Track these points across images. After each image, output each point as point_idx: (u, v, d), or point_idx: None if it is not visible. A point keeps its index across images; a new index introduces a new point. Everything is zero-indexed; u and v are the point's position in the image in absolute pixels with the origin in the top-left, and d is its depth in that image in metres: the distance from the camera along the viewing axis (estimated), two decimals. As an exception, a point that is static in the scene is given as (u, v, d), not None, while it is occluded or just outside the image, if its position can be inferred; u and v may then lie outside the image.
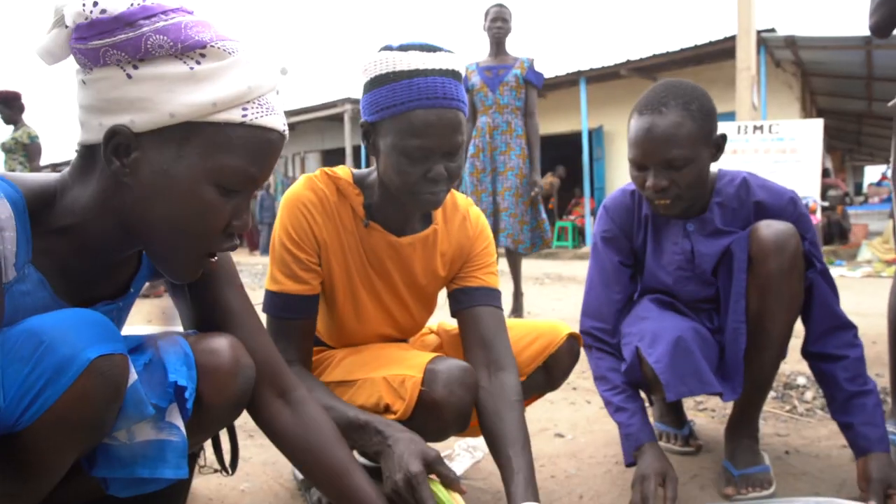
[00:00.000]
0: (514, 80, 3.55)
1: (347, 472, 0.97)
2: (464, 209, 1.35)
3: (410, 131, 1.08)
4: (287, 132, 0.85)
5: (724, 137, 1.37)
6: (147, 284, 1.03)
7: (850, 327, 1.39)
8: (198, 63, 0.76)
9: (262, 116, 0.80)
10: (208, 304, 1.00)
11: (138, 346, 0.88)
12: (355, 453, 1.61)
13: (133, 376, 0.76)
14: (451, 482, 1.04)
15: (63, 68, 0.81)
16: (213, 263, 0.87)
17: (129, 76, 0.74)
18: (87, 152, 0.81)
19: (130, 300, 0.97)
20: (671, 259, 1.47)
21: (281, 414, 1.01)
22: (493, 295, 1.31)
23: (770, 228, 1.33)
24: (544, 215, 3.71)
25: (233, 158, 0.78)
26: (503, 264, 3.84)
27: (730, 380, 1.39)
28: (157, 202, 0.78)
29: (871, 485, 1.24)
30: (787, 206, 1.41)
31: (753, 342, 1.38)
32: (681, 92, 1.34)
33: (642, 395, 1.54)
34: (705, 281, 1.45)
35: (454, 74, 1.11)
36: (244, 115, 0.78)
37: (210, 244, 0.83)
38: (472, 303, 1.29)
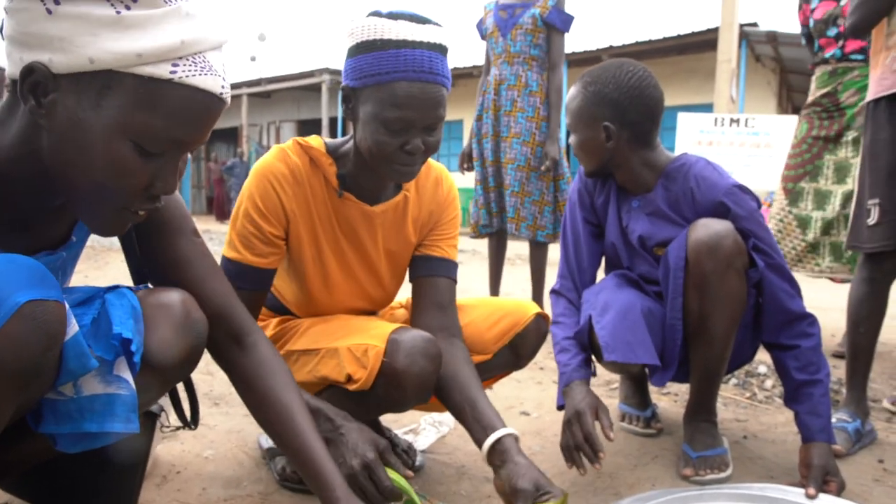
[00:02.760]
0: (531, 21, 2.80)
1: (291, 414, 0.97)
2: (437, 173, 1.35)
3: (392, 102, 1.07)
4: (227, 96, 0.78)
5: (609, 129, 1.44)
6: None
7: (804, 317, 1.41)
8: (127, 8, 0.70)
9: (194, 75, 0.73)
10: (159, 253, 0.97)
11: (86, 299, 0.86)
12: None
13: (74, 328, 0.73)
14: (398, 469, 1.07)
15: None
16: (141, 218, 0.82)
17: (48, 11, 0.69)
18: (15, 88, 0.75)
19: (75, 249, 0.93)
20: (611, 228, 1.58)
21: (237, 358, 1.01)
22: (452, 267, 1.35)
23: (705, 229, 1.35)
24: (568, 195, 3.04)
25: (154, 118, 0.73)
26: (520, 246, 3.05)
27: (664, 369, 1.44)
28: (70, 150, 0.73)
29: (812, 471, 1.28)
30: (716, 208, 1.41)
31: (698, 339, 1.41)
32: (596, 73, 1.48)
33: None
34: (645, 258, 1.51)
35: (441, 49, 1.11)
36: (173, 72, 0.72)
37: (128, 202, 0.78)
38: (432, 272, 1.32)
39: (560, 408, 1.40)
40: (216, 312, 0.97)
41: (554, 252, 4.39)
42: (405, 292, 1.41)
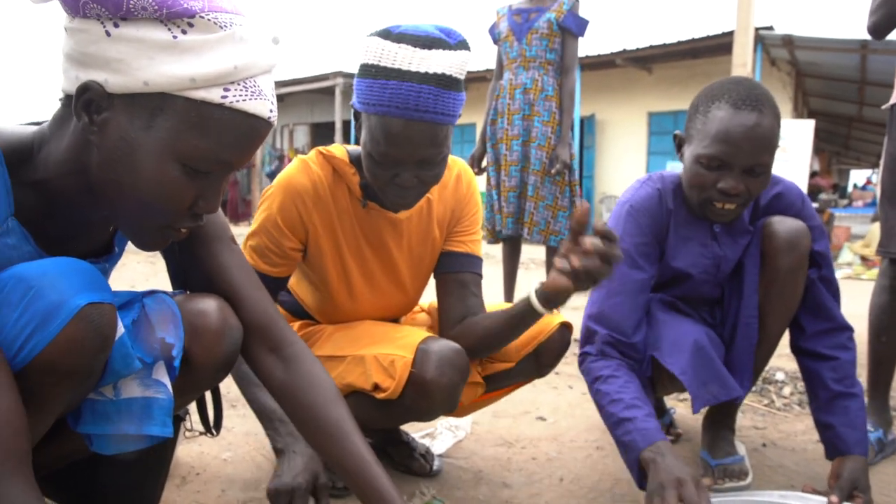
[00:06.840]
0: (547, 26, 2.81)
1: (342, 431, 0.91)
2: (457, 170, 1.34)
3: (378, 136, 1.04)
4: (274, 119, 0.80)
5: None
6: None
7: (845, 329, 1.38)
8: (183, 33, 0.71)
9: (244, 100, 0.75)
10: (198, 260, 0.96)
11: (126, 303, 0.87)
12: None
13: (121, 329, 0.75)
14: None
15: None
16: (183, 235, 0.83)
17: (107, 33, 0.71)
18: (68, 103, 0.77)
19: (115, 260, 0.95)
20: (696, 262, 1.38)
21: (275, 370, 0.96)
22: (477, 262, 1.35)
23: (783, 225, 1.33)
24: (581, 199, 2.91)
25: (204, 140, 0.74)
26: (534, 251, 2.99)
27: (737, 374, 1.38)
28: (119, 169, 0.75)
29: (840, 482, 1.24)
30: (795, 201, 1.39)
31: None
32: (766, 93, 1.24)
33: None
34: (719, 283, 1.44)
35: (440, 80, 1.01)
36: (224, 97, 0.74)
37: (173, 220, 0.79)
38: (459, 268, 1.32)
39: (641, 484, 1.18)
40: (255, 322, 0.95)
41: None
42: (427, 296, 1.42)
